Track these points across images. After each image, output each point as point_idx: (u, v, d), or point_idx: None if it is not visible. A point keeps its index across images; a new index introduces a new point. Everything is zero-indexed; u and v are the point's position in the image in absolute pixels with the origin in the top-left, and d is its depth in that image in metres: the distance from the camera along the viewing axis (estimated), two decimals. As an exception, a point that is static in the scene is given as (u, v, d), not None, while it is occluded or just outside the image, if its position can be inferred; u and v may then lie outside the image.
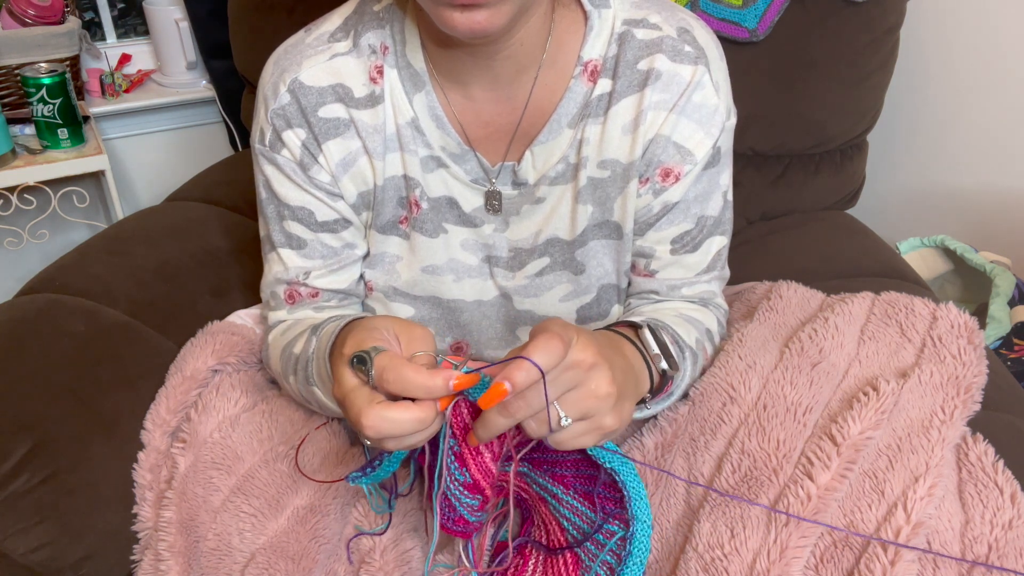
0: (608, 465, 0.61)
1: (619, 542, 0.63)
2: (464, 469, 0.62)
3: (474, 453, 0.62)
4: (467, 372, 0.53)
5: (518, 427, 0.55)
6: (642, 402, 0.68)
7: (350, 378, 0.54)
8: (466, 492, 0.62)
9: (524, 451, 0.64)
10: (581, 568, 0.64)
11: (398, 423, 0.51)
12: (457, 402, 0.58)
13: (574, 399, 0.54)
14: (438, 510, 0.62)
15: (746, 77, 1.11)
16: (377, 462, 0.60)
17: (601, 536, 0.64)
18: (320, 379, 0.70)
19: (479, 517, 0.64)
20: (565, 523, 0.66)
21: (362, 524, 0.74)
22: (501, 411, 0.53)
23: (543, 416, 0.53)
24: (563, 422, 0.54)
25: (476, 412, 0.57)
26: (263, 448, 0.78)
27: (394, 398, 0.52)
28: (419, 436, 0.53)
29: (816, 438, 0.66)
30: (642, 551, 0.61)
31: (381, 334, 0.55)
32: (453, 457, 0.61)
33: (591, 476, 0.65)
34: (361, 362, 0.53)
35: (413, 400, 0.52)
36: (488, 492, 0.63)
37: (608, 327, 0.69)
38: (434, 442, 0.61)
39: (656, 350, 0.66)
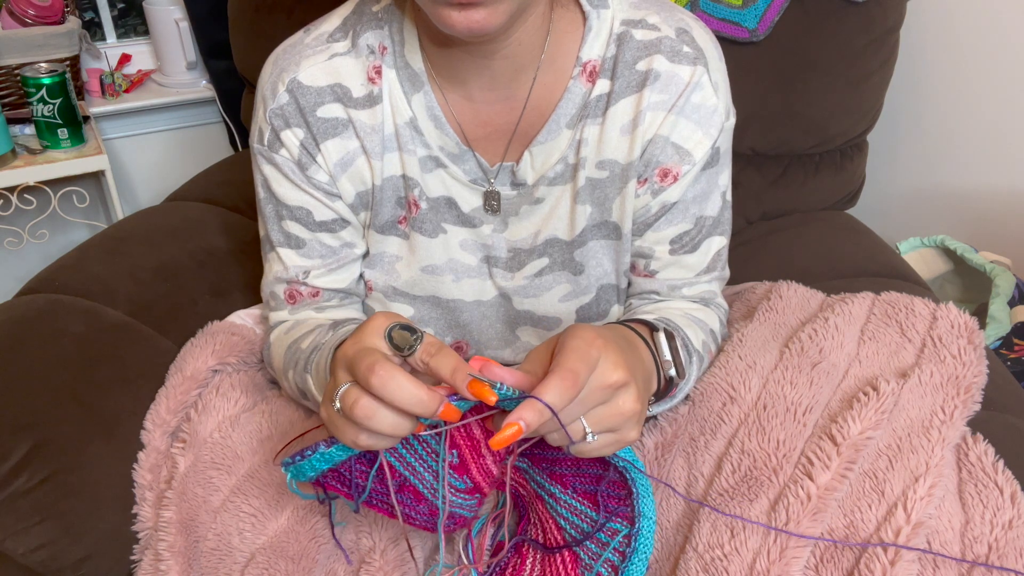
0: (620, 464, 0.61)
1: (623, 540, 0.63)
2: (464, 477, 0.61)
3: (476, 456, 0.62)
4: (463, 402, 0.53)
5: None
6: None
7: (374, 341, 0.53)
8: (464, 496, 0.62)
9: (524, 446, 0.64)
10: (580, 567, 0.64)
11: (404, 391, 0.50)
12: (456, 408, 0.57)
13: (601, 416, 0.54)
14: (442, 532, 0.62)
15: (746, 77, 1.11)
16: (308, 452, 0.57)
17: (603, 535, 0.64)
18: (317, 369, 0.70)
19: (477, 511, 0.64)
20: (562, 522, 0.66)
21: (363, 524, 0.74)
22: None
23: (566, 432, 0.53)
24: (589, 438, 0.53)
25: (476, 414, 0.57)
26: (263, 448, 0.78)
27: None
28: (392, 426, 0.52)
29: (816, 438, 0.65)
30: (647, 547, 0.61)
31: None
32: (451, 470, 0.60)
33: (593, 475, 0.65)
34: (408, 329, 0.53)
35: None
36: (486, 489, 0.63)
37: (624, 322, 0.68)
38: (394, 473, 0.60)
39: (668, 356, 0.66)
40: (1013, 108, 1.21)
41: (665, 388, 0.67)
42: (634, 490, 0.62)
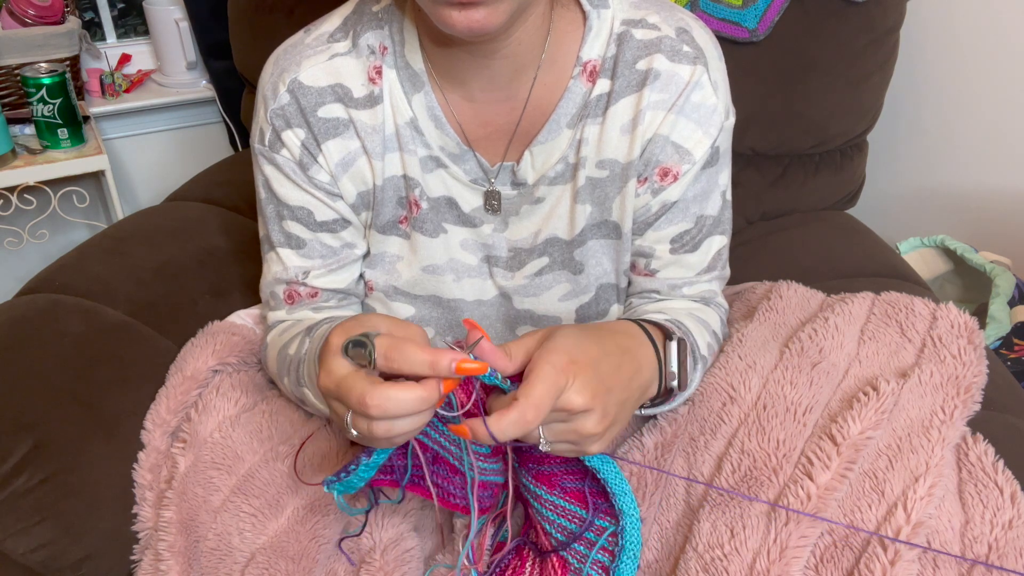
0: (589, 463, 0.62)
1: (611, 537, 0.63)
2: None
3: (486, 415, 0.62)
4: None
5: None
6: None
7: (342, 366, 0.53)
8: (491, 460, 0.63)
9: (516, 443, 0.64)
10: (570, 571, 0.64)
11: (403, 402, 0.50)
12: (469, 380, 0.56)
13: (559, 431, 0.56)
14: (475, 502, 0.62)
15: (746, 77, 1.11)
16: (352, 466, 0.58)
17: (592, 534, 0.64)
18: (310, 380, 0.70)
19: (506, 475, 0.65)
20: (547, 526, 0.66)
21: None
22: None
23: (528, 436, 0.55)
24: (543, 447, 0.56)
25: (486, 387, 0.57)
26: (263, 448, 0.78)
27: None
28: (413, 423, 0.52)
29: (816, 438, 0.66)
30: (634, 544, 0.61)
31: (373, 324, 0.54)
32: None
33: (580, 471, 0.65)
34: (359, 345, 0.52)
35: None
36: (503, 447, 0.63)
37: (638, 321, 0.68)
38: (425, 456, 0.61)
39: (674, 368, 0.66)
40: (1013, 108, 1.21)
41: (665, 395, 0.67)
42: (609, 489, 0.62)
